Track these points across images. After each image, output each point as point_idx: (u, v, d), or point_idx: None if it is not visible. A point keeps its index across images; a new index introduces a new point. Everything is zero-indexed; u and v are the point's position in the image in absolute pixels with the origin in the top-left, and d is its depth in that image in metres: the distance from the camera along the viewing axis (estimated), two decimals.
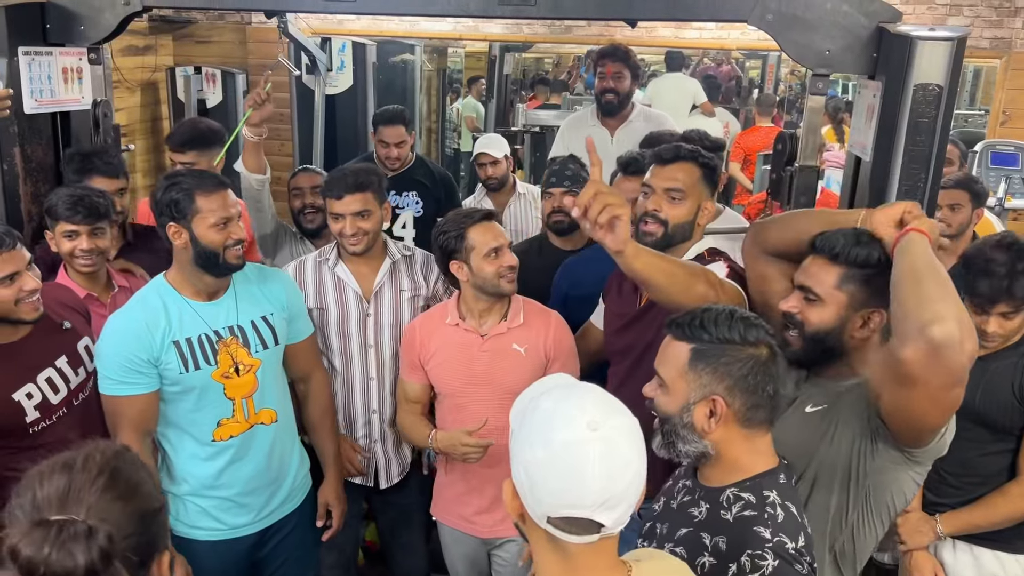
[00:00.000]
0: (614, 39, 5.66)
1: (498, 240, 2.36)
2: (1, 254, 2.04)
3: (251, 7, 3.84)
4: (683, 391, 1.53)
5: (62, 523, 1.06)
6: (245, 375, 2.27)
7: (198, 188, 2.14)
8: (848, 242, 1.71)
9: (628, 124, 3.78)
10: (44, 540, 1.03)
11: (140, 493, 1.20)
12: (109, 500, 1.15)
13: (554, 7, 2.60)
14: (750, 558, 1.41)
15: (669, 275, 1.83)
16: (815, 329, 1.73)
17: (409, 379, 2.55)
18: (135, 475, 1.22)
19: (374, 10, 2.86)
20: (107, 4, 2.72)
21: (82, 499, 1.13)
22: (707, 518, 1.53)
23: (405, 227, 3.77)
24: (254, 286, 2.34)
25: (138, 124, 4.95)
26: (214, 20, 5.21)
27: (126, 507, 1.16)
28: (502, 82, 7.55)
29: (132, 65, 4.79)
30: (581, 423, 1.15)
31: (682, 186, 2.20)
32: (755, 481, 1.51)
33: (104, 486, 1.15)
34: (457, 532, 2.59)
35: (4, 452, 2.09)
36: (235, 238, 2.17)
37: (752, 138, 6.72)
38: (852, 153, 2.64)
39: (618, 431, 1.17)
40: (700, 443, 1.53)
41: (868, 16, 2.49)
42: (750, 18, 2.54)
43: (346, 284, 2.63)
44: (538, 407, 1.21)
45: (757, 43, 6.34)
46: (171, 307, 2.20)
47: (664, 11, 2.63)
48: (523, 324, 2.42)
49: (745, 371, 1.49)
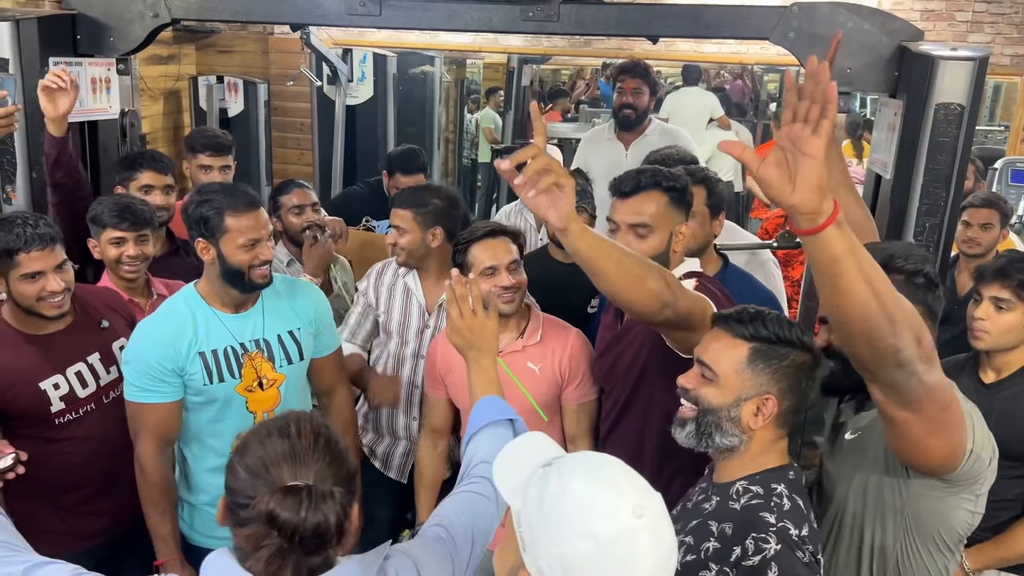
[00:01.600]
0: (633, 53, 5.68)
1: (496, 259, 2.32)
2: (30, 252, 2.09)
3: (277, 20, 3.88)
4: (736, 387, 1.54)
5: (310, 488, 1.21)
6: (268, 389, 2.26)
7: (229, 207, 2.10)
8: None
9: (644, 139, 3.79)
10: (299, 504, 1.19)
11: (345, 456, 1.31)
12: (327, 464, 1.26)
13: (577, 23, 2.62)
14: (754, 541, 1.43)
15: (618, 263, 1.65)
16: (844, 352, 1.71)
17: (431, 394, 2.55)
18: (339, 440, 1.33)
19: (398, 24, 2.88)
20: (136, 16, 2.77)
21: (307, 463, 1.25)
22: (716, 508, 1.56)
23: None
24: (283, 300, 2.32)
25: (160, 132, 5.00)
26: (237, 30, 5.26)
27: (340, 470, 1.28)
28: (520, 94, 7.58)
29: (156, 74, 4.84)
30: (626, 510, 1.05)
31: (648, 219, 2.02)
32: (764, 475, 1.54)
33: (322, 451, 1.27)
34: None
35: (33, 442, 2.14)
36: (262, 259, 2.14)
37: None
38: (872, 171, 2.65)
39: (658, 513, 1.09)
40: (738, 438, 1.55)
41: (890, 35, 2.50)
42: (772, 36, 2.56)
43: (413, 293, 2.68)
44: (566, 489, 1.08)
45: (776, 58, 6.34)
46: (199, 317, 2.20)
47: (686, 28, 2.65)
48: (540, 342, 2.39)
49: (802, 375, 1.53)
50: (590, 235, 1.61)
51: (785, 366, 1.53)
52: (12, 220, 2.12)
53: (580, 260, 1.64)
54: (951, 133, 2.34)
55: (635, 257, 1.71)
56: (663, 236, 2.05)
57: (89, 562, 2.25)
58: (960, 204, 2.68)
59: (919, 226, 2.41)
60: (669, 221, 2.05)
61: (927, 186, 2.38)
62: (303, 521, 1.19)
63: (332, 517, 1.21)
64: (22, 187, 2.74)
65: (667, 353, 1.93)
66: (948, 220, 2.41)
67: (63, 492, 2.25)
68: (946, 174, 2.37)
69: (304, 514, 1.19)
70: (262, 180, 5.04)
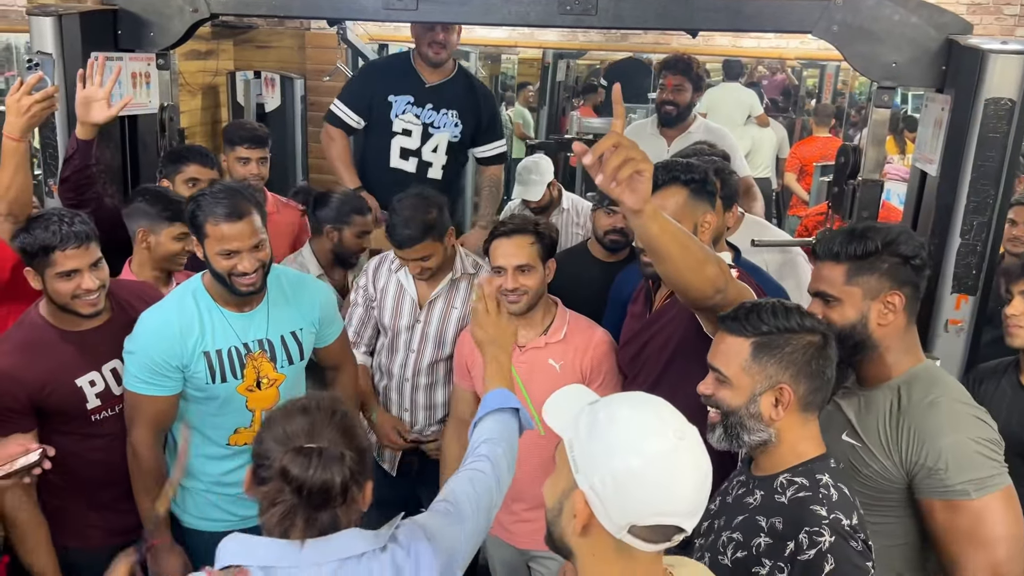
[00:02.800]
0: (670, 47, 5.64)
1: (505, 260, 2.34)
2: (66, 251, 2.10)
3: (314, 15, 3.88)
4: (748, 384, 1.57)
5: (320, 449, 1.36)
6: (267, 389, 2.27)
7: (211, 214, 2.08)
8: (844, 239, 1.77)
9: (687, 135, 3.73)
10: (308, 462, 1.35)
11: (358, 432, 1.46)
12: (340, 435, 1.41)
13: (615, 17, 2.59)
14: (808, 535, 1.44)
15: (683, 247, 1.68)
16: (840, 327, 1.75)
17: (459, 384, 2.58)
18: (353, 418, 1.49)
19: (434, 18, 2.87)
20: (176, 11, 2.79)
21: (323, 433, 1.40)
22: (762, 503, 1.56)
23: (436, 151, 3.49)
24: (289, 300, 2.32)
25: (199, 127, 5.05)
26: (274, 26, 5.30)
27: (351, 442, 1.42)
28: (555, 89, 7.55)
29: (194, 69, 4.90)
30: (669, 432, 1.17)
31: (670, 216, 2.07)
32: (807, 466, 1.55)
33: (336, 424, 1.42)
34: (497, 538, 2.60)
35: (69, 437, 2.18)
36: (240, 269, 2.10)
37: (809, 148, 6.61)
38: (917, 167, 2.59)
39: (697, 438, 1.20)
40: (766, 431, 1.57)
41: (938, 28, 2.44)
42: (815, 29, 2.51)
43: (405, 289, 2.69)
44: (615, 416, 1.21)
45: (816, 52, 6.26)
46: (205, 315, 2.19)
47: (727, 22, 2.60)
48: (563, 340, 2.40)
49: (808, 357, 1.55)
50: (662, 218, 1.64)
51: (789, 352, 1.56)
52: (48, 217, 2.13)
53: (648, 242, 1.68)
54: (1001, 129, 2.27)
55: (698, 242, 1.78)
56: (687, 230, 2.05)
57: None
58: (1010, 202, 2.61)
59: (966, 224, 2.34)
60: (691, 214, 2.10)
61: (975, 183, 2.31)
62: (311, 477, 1.34)
63: (338, 477, 1.35)
64: None
65: (699, 341, 1.93)
66: (997, 218, 2.34)
67: (98, 488, 2.27)
68: (995, 171, 2.30)
69: (312, 471, 1.34)
70: (298, 174, 5.08)
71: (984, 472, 1.61)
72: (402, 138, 3.46)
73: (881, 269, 1.73)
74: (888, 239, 1.73)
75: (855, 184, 2.65)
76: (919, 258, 1.75)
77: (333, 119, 3.54)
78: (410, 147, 3.47)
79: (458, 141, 3.50)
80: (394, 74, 3.52)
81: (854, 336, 1.75)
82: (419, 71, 3.46)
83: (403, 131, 3.45)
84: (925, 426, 1.67)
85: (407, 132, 3.45)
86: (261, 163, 3.25)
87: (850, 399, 1.83)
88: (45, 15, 2.66)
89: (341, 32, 4.72)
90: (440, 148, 3.48)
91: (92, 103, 2.52)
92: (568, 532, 1.23)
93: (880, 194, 2.61)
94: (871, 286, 1.74)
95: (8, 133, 2.27)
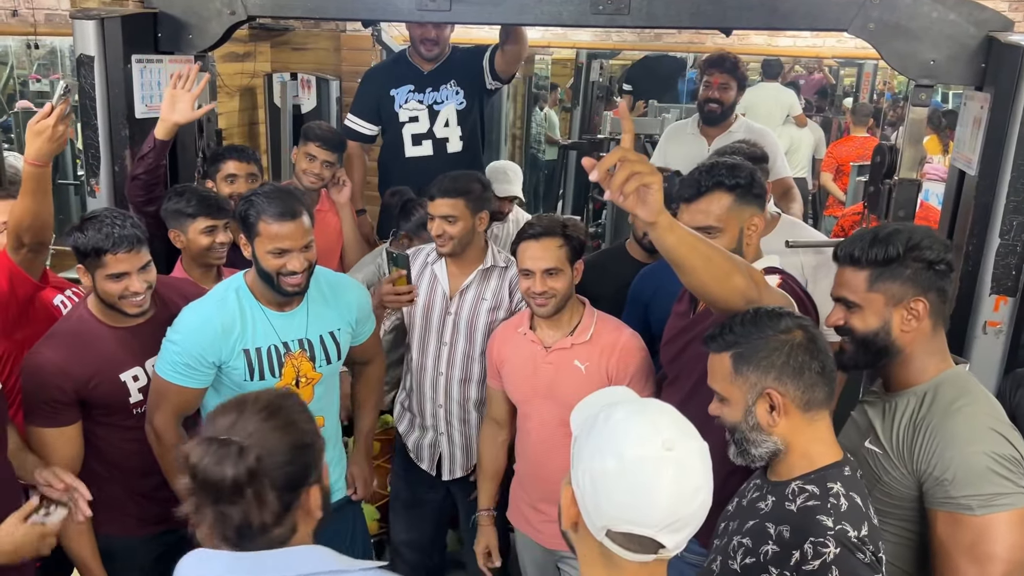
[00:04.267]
0: (705, 46, 5.60)
1: (533, 263, 2.32)
2: (118, 254, 2.14)
3: (349, 16, 3.93)
4: (739, 397, 1.57)
5: (221, 441, 1.30)
6: (304, 387, 2.31)
7: (264, 213, 2.13)
8: (865, 243, 1.73)
9: (728, 135, 3.69)
10: (204, 452, 1.30)
11: (296, 428, 1.38)
12: (268, 429, 1.34)
13: (648, 16, 2.58)
14: (812, 545, 1.42)
15: (706, 258, 1.65)
16: (863, 334, 1.73)
17: (491, 384, 2.60)
18: (294, 414, 1.40)
19: (468, 19, 2.89)
20: (214, 13, 2.83)
21: (245, 427, 1.33)
22: (772, 509, 1.55)
23: (448, 125, 3.55)
24: (328, 300, 2.36)
25: (236, 128, 5.12)
26: (310, 28, 5.36)
27: (283, 437, 1.34)
28: (588, 89, 7.53)
29: (232, 71, 4.96)
30: (656, 441, 1.15)
31: (714, 222, 2.05)
32: (819, 474, 1.53)
33: (264, 417, 1.35)
34: (526, 537, 2.61)
35: (111, 429, 2.26)
36: (289, 269, 2.15)
37: (845, 148, 6.53)
38: (956, 167, 2.55)
39: (692, 454, 1.17)
40: (770, 440, 1.56)
41: (977, 25, 2.40)
42: (850, 27, 2.48)
43: (438, 281, 2.71)
44: (611, 417, 1.20)
45: (853, 51, 6.16)
46: (247, 313, 2.24)
47: (761, 20, 2.58)
48: (589, 341, 2.39)
49: (784, 357, 1.54)
50: (679, 229, 1.63)
51: (764, 356, 1.54)
52: (101, 219, 2.16)
53: (667, 254, 1.65)
54: None
55: (723, 252, 1.73)
56: (733, 234, 2.06)
57: (159, 545, 2.37)
58: None
59: (1005, 224, 2.30)
60: (737, 218, 2.06)
61: (1015, 182, 2.28)
62: (203, 467, 1.29)
63: (230, 470, 1.28)
64: (105, 180, 2.83)
65: None
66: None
67: (136, 478, 2.33)
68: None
69: (206, 460, 1.29)
70: None
71: (993, 489, 1.56)
72: (411, 125, 3.55)
73: (904, 275, 1.69)
74: (911, 244, 1.69)
75: (891, 184, 2.62)
76: (944, 263, 1.71)
77: (348, 132, 3.66)
78: (421, 131, 3.55)
79: (465, 107, 3.55)
80: (392, 71, 3.65)
81: (877, 343, 1.72)
82: (416, 64, 3.56)
83: (410, 119, 3.54)
84: (941, 434, 1.63)
85: (414, 119, 3.54)
86: (325, 166, 3.31)
87: (876, 406, 1.80)
88: (88, 18, 2.72)
89: (376, 34, 4.77)
90: (451, 120, 3.55)
91: (177, 103, 2.61)
92: (565, 526, 1.25)
93: (917, 194, 2.57)
94: (893, 292, 1.70)
95: (33, 160, 2.20)
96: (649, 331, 2.52)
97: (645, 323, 2.60)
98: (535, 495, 2.51)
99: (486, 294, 2.69)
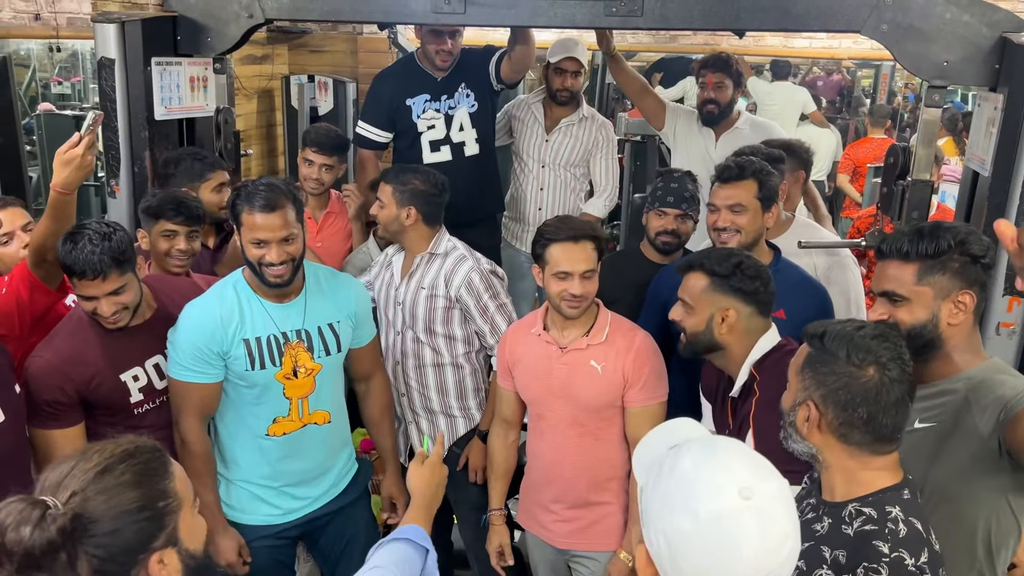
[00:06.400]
0: (720, 47, 5.59)
1: (572, 265, 2.32)
2: (83, 280, 2.12)
3: (365, 19, 3.96)
4: (793, 390, 1.59)
5: (32, 501, 1.16)
6: (304, 378, 2.35)
7: (247, 204, 2.19)
8: (913, 238, 1.74)
9: (734, 130, 3.71)
10: (9, 512, 1.14)
11: (135, 488, 1.23)
12: (97, 489, 1.20)
13: (661, 18, 2.60)
14: (865, 570, 1.41)
15: None
16: (910, 327, 1.73)
17: (501, 384, 2.60)
18: (138, 472, 1.25)
19: (483, 22, 2.91)
20: (232, 17, 2.87)
21: (69, 485, 1.20)
22: (828, 532, 1.53)
23: (463, 129, 3.58)
24: (326, 293, 2.41)
25: (254, 130, 5.16)
26: (327, 30, 5.40)
27: (111, 499, 1.20)
28: (604, 91, 7.54)
29: (250, 74, 5.01)
30: (731, 490, 1.06)
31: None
32: (877, 497, 1.51)
33: (93, 478, 1.21)
34: (537, 538, 2.62)
35: (114, 429, 2.20)
36: (267, 260, 2.20)
37: (862, 150, 6.50)
38: (970, 168, 2.55)
39: (772, 498, 1.08)
40: (804, 444, 1.57)
41: (990, 26, 2.40)
42: (864, 28, 2.49)
43: (393, 270, 2.84)
44: (677, 465, 1.11)
45: (870, 52, 6.14)
46: (245, 305, 2.30)
47: (774, 22, 2.59)
48: (604, 342, 2.40)
49: (838, 385, 1.52)
50: None
51: (824, 373, 1.54)
52: (82, 235, 2.11)
53: None
54: None
55: None
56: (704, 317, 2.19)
57: None
58: None
59: (1019, 225, 2.29)
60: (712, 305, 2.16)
61: None
62: (4, 532, 1.13)
63: (28, 537, 1.12)
64: (125, 181, 2.88)
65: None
66: None
67: None
68: None
69: (9, 520, 1.13)
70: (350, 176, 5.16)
71: None
72: (429, 133, 3.57)
73: (952, 268, 1.71)
74: (959, 238, 1.71)
75: (905, 185, 2.61)
76: (988, 257, 1.73)
77: (360, 141, 3.66)
78: (438, 138, 3.57)
79: (477, 109, 3.58)
80: (405, 78, 3.63)
81: (924, 336, 1.73)
82: (428, 70, 3.57)
83: (428, 127, 3.56)
84: (1002, 391, 1.65)
85: (431, 127, 3.56)
86: (324, 169, 3.34)
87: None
88: (109, 22, 2.76)
89: (392, 36, 4.79)
90: (465, 124, 3.57)
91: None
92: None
93: (930, 195, 2.57)
94: (942, 285, 1.72)
95: (61, 188, 2.16)
96: (667, 332, 2.53)
97: (663, 323, 2.61)
98: (547, 496, 2.53)
99: (424, 282, 2.75)
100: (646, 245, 2.94)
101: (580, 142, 3.83)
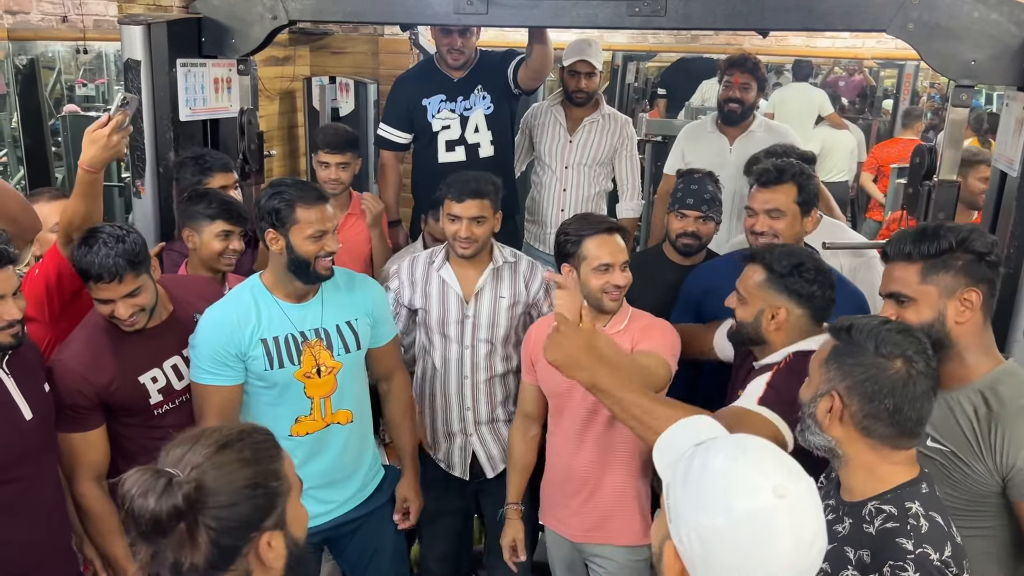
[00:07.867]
0: (742, 47, 5.56)
1: (613, 256, 2.33)
2: (99, 284, 2.14)
3: (387, 20, 3.98)
4: (816, 381, 1.58)
5: (155, 471, 1.23)
6: (326, 376, 2.36)
7: (299, 200, 2.22)
8: (915, 238, 1.76)
9: (749, 134, 3.71)
10: (135, 482, 1.22)
11: (250, 466, 1.29)
12: (215, 464, 1.26)
13: (684, 17, 2.59)
14: (891, 569, 1.41)
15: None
16: (917, 327, 1.71)
17: (525, 379, 2.62)
18: (253, 451, 1.31)
19: (505, 22, 2.91)
20: (256, 18, 2.89)
21: (190, 461, 1.27)
22: (850, 532, 1.53)
23: (478, 130, 3.62)
24: (342, 292, 2.42)
25: (276, 131, 5.19)
26: (348, 32, 5.42)
27: (230, 474, 1.26)
28: (624, 91, 7.53)
29: (273, 75, 5.04)
30: (766, 488, 1.07)
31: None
32: (896, 493, 1.51)
33: (215, 451, 1.28)
34: (555, 534, 2.63)
35: (133, 428, 2.30)
36: (327, 250, 2.25)
37: (889, 150, 6.45)
38: (997, 168, 2.52)
39: (803, 497, 1.09)
40: (823, 437, 1.56)
41: (1019, 25, 2.37)
42: (889, 27, 2.46)
43: (449, 286, 2.71)
44: (709, 463, 1.12)
45: (893, 52, 6.09)
46: (262, 306, 2.31)
47: (798, 21, 2.57)
48: (624, 330, 2.40)
49: (864, 377, 1.51)
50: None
51: (850, 364, 1.53)
52: (97, 239, 2.14)
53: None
54: None
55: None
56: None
57: None
58: None
59: None
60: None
61: None
62: (132, 499, 1.21)
63: (152, 502, 1.19)
64: (149, 181, 2.90)
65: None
66: None
67: None
68: None
69: (133, 491, 1.21)
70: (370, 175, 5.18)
71: None
72: (444, 133, 3.59)
73: (956, 266, 1.73)
74: (961, 237, 1.72)
75: (931, 185, 2.59)
76: (993, 254, 1.74)
77: (381, 142, 3.71)
78: (453, 137, 3.59)
79: (493, 112, 3.60)
80: (422, 79, 3.67)
81: (932, 335, 1.72)
82: (444, 71, 3.60)
83: (443, 127, 3.58)
84: (1019, 429, 1.65)
85: (447, 127, 3.59)
86: (340, 167, 3.36)
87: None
88: (135, 24, 2.79)
89: (413, 37, 4.81)
90: (480, 126, 3.60)
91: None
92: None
93: (956, 196, 2.54)
94: (947, 284, 1.73)
95: (87, 166, 2.24)
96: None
97: (697, 322, 2.61)
98: (565, 490, 2.53)
99: (502, 291, 2.71)
100: (668, 246, 2.94)
101: (605, 139, 3.82)
